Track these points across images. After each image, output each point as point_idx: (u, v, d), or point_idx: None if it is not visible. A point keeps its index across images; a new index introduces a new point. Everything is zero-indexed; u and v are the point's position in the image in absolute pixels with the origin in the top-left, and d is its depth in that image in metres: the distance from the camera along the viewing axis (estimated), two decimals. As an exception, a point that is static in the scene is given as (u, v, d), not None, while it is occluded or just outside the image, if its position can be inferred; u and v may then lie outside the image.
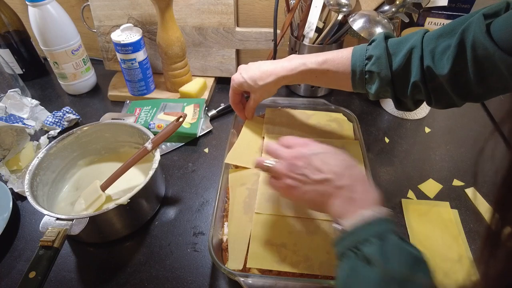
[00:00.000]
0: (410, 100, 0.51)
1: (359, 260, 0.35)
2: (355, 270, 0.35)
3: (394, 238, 0.35)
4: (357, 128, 0.69)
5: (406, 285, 0.32)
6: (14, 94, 0.73)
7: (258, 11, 0.85)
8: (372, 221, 0.37)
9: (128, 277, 0.51)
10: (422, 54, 0.46)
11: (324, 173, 0.41)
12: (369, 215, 0.37)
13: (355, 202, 0.39)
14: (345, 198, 0.40)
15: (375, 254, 0.34)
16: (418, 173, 0.65)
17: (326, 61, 0.54)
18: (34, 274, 0.41)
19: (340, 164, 0.42)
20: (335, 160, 0.43)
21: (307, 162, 0.43)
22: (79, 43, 0.81)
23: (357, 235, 0.37)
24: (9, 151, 0.67)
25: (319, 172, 0.42)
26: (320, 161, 0.42)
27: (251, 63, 0.62)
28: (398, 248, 0.35)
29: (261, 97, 0.63)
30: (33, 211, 0.60)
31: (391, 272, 0.33)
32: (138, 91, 0.82)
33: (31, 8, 0.73)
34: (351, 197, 0.40)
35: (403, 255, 0.34)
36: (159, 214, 0.60)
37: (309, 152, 0.44)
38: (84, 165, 0.66)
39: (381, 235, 0.35)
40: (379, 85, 0.50)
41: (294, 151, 0.45)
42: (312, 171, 0.42)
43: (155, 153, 0.58)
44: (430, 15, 0.74)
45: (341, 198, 0.40)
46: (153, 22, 0.82)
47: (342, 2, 0.68)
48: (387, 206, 0.60)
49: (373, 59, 0.50)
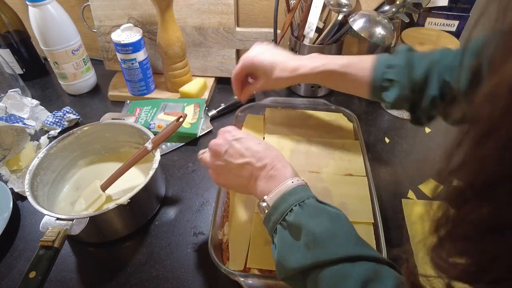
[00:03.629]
0: (426, 114, 0.50)
1: (286, 230, 0.39)
2: (284, 240, 0.38)
3: (312, 202, 0.39)
4: (357, 128, 0.69)
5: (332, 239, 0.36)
6: (14, 94, 0.73)
7: (258, 11, 0.85)
8: (290, 190, 0.40)
9: (128, 277, 0.51)
10: (443, 69, 0.45)
11: (245, 157, 0.44)
12: (288, 186, 0.40)
13: (276, 178, 0.42)
14: (267, 177, 0.42)
15: (297, 219, 0.38)
16: (418, 173, 0.65)
17: (349, 65, 0.53)
18: (34, 274, 0.41)
19: (260, 147, 0.45)
20: (255, 144, 0.45)
21: (228, 148, 0.45)
22: (79, 43, 0.81)
23: (280, 208, 0.39)
24: (9, 151, 0.67)
25: (241, 156, 0.44)
26: (241, 145, 0.45)
27: (269, 47, 0.59)
28: (317, 210, 0.39)
29: (271, 87, 0.61)
30: (33, 211, 0.60)
31: (314, 231, 0.36)
32: (138, 91, 0.82)
33: (31, 8, 0.73)
34: (272, 174, 0.42)
35: (323, 214, 0.38)
36: (159, 214, 0.60)
37: (231, 137, 0.46)
38: (84, 165, 0.66)
39: (300, 202, 0.39)
40: (397, 94, 0.49)
41: (217, 139, 0.47)
42: (234, 156, 0.44)
43: (155, 153, 0.58)
44: (430, 15, 0.74)
45: (264, 178, 0.43)
46: (153, 22, 0.82)
47: (342, 2, 0.68)
48: (387, 206, 0.61)
49: (394, 68, 0.49)
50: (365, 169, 0.61)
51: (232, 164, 0.44)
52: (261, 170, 0.43)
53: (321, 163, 0.62)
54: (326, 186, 0.58)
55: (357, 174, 0.60)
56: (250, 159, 0.44)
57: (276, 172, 0.42)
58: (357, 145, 0.66)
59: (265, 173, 0.43)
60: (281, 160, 0.44)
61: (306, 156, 0.64)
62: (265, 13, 0.85)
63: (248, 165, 0.44)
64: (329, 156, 0.64)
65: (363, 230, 0.52)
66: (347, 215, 0.53)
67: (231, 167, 0.45)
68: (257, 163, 0.43)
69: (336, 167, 0.62)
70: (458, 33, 0.74)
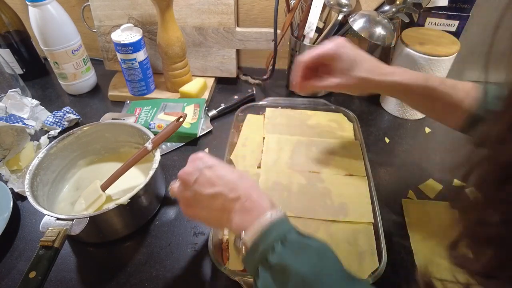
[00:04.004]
0: None
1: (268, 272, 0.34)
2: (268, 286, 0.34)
3: (294, 237, 0.35)
4: (357, 128, 0.69)
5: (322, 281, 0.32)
6: (14, 94, 0.73)
7: (258, 11, 0.85)
8: (269, 226, 0.36)
9: (128, 277, 0.51)
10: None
11: (217, 186, 0.40)
12: (266, 221, 0.36)
13: (252, 211, 0.38)
14: (242, 210, 0.38)
15: (281, 260, 0.33)
16: (418, 173, 0.65)
17: (455, 86, 0.46)
18: (34, 274, 0.41)
19: (232, 175, 0.41)
20: (228, 172, 0.41)
21: (198, 176, 0.41)
22: (79, 43, 0.81)
23: (260, 247, 0.35)
24: (9, 151, 0.67)
25: (211, 185, 0.40)
26: (212, 174, 0.40)
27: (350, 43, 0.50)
28: (301, 245, 0.35)
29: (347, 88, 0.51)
30: (33, 211, 0.60)
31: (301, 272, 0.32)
32: (138, 91, 0.82)
33: (32, 8, 0.73)
34: (247, 207, 0.38)
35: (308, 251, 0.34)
36: (159, 214, 0.60)
37: (202, 165, 0.42)
38: (84, 165, 0.66)
39: (282, 238, 0.35)
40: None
41: (186, 167, 0.43)
42: (205, 185, 0.40)
43: (155, 153, 0.58)
44: (431, 15, 0.74)
45: (239, 211, 0.38)
46: (153, 22, 0.82)
47: (343, 2, 0.68)
48: (387, 207, 0.61)
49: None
50: (365, 169, 0.61)
51: (202, 194, 0.40)
52: (234, 202, 0.39)
53: (321, 163, 0.63)
54: (326, 186, 0.58)
55: (357, 174, 0.60)
56: (221, 188, 0.39)
57: (252, 204, 0.38)
58: (357, 145, 0.66)
59: (239, 205, 0.38)
60: (256, 189, 0.40)
61: (306, 156, 0.64)
62: (265, 13, 0.85)
63: (220, 196, 0.39)
64: (329, 156, 0.64)
65: (363, 230, 0.52)
66: (347, 215, 0.54)
67: (201, 198, 0.40)
68: (230, 193, 0.39)
69: (336, 167, 0.62)
70: (458, 33, 0.74)
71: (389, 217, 0.58)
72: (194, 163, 0.42)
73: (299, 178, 0.60)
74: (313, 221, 0.53)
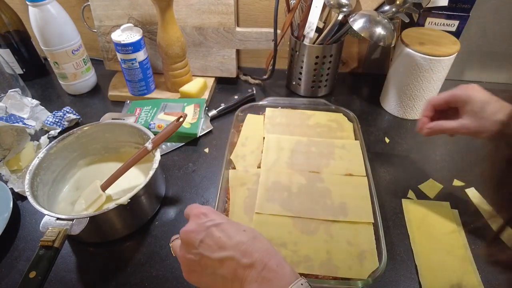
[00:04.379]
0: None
1: None
2: None
3: None
4: (357, 128, 0.69)
5: None
6: (14, 94, 0.73)
7: (258, 11, 0.85)
8: None
9: (128, 277, 0.51)
10: None
11: (226, 249, 0.34)
12: None
13: (272, 283, 0.32)
14: (259, 281, 0.32)
15: None
16: (418, 173, 0.65)
17: None
18: (34, 274, 0.41)
19: (245, 236, 0.35)
20: (238, 231, 0.36)
21: (205, 236, 0.35)
22: (80, 43, 0.81)
23: None
24: (9, 151, 0.67)
25: (221, 248, 0.34)
26: (221, 234, 0.35)
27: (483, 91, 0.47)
28: None
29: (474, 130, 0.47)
30: (34, 211, 0.60)
31: None
32: (139, 91, 0.82)
33: (32, 8, 0.73)
34: (266, 277, 0.32)
35: None
36: (159, 214, 0.60)
37: (209, 223, 0.36)
38: (84, 165, 0.66)
39: None
40: None
41: (189, 224, 0.37)
42: (212, 248, 0.35)
43: (155, 153, 0.58)
44: (431, 15, 0.74)
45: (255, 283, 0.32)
46: (153, 22, 0.82)
47: (343, 2, 0.68)
48: (387, 206, 0.61)
49: None
50: (365, 169, 0.61)
51: (209, 258, 0.34)
52: (248, 269, 0.33)
53: (321, 163, 0.63)
54: (326, 186, 0.58)
55: (357, 174, 0.61)
56: (232, 252, 0.34)
57: (271, 274, 0.32)
58: (357, 145, 0.66)
59: (255, 274, 0.33)
60: (274, 254, 0.34)
61: (306, 156, 0.64)
62: (265, 13, 0.85)
63: (231, 261, 0.34)
64: (329, 156, 0.64)
65: (363, 230, 0.52)
66: (347, 215, 0.54)
67: (207, 263, 0.35)
68: (243, 258, 0.33)
69: (336, 167, 0.62)
70: (458, 33, 0.74)
71: (389, 217, 0.58)
72: (198, 219, 0.37)
73: (299, 178, 0.60)
74: (313, 221, 0.53)
